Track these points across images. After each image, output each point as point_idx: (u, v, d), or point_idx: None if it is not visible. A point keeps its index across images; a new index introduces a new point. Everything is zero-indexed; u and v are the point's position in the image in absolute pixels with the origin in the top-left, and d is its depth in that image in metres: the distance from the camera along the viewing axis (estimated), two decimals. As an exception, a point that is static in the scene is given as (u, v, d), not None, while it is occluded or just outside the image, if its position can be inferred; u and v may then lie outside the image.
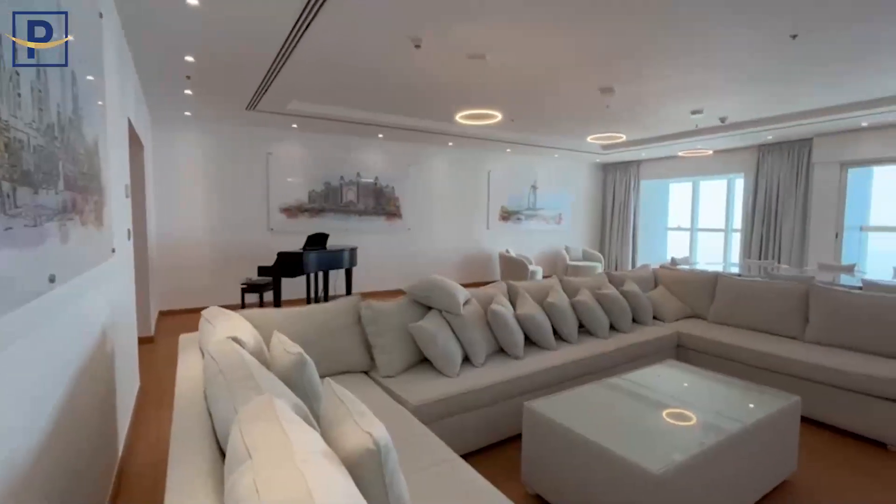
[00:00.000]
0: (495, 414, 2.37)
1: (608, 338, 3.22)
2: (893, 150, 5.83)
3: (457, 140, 7.13)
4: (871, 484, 2.14)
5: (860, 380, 2.52)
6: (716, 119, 5.73)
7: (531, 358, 2.71)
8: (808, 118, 5.53)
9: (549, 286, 3.43)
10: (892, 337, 2.75)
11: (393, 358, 2.39)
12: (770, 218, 7.13)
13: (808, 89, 4.51)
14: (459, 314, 2.61)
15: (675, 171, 8.73)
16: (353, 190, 6.99)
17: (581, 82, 4.23)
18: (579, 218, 9.78)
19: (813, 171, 6.60)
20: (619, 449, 1.62)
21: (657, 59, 3.62)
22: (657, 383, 2.32)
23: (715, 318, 3.73)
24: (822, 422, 2.69)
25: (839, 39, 3.22)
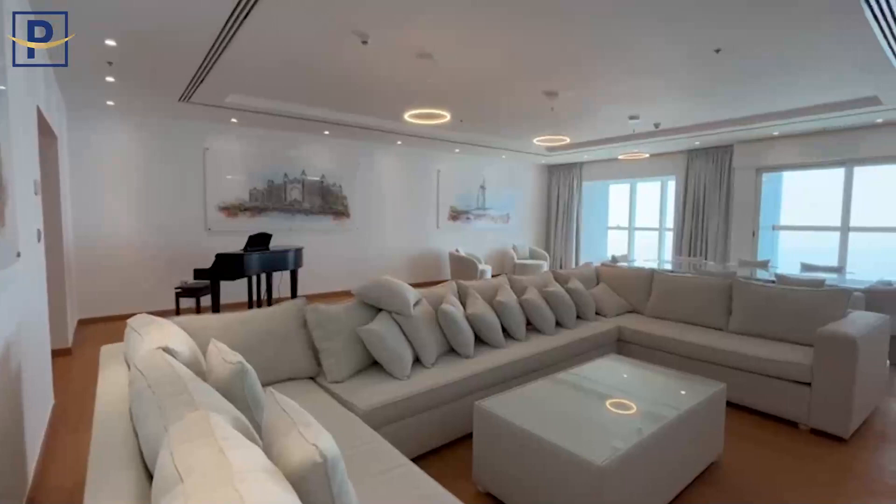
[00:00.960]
0: (447, 414, 2.37)
1: (554, 334, 3.32)
2: (799, 157, 6.49)
3: (406, 139, 7.08)
4: (785, 459, 2.36)
5: (773, 365, 2.77)
6: (651, 124, 6.09)
7: (481, 357, 2.74)
8: (728, 126, 6.03)
9: (498, 285, 3.49)
10: (799, 325, 3.04)
11: (341, 362, 2.32)
12: (698, 217, 7.70)
13: (730, 100, 4.91)
14: (410, 315, 2.58)
15: (615, 173, 9.19)
16: (298, 188, 6.74)
17: (527, 85, 4.34)
18: (526, 217, 10.05)
19: (734, 175, 7.20)
20: (565, 443, 1.67)
21: (596, 66, 3.79)
22: (600, 377, 2.42)
23: (651, 313, 3.96)
24: (743, 405, 2.92)
25: (756, 56, 3.52)
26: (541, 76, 4.06)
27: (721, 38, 3.18)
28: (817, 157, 6.33)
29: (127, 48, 3.37)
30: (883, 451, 2.45)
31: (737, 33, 3.09)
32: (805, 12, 2.76)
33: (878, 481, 2.18)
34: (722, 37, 3.16)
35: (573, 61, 3.68)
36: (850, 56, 3.48)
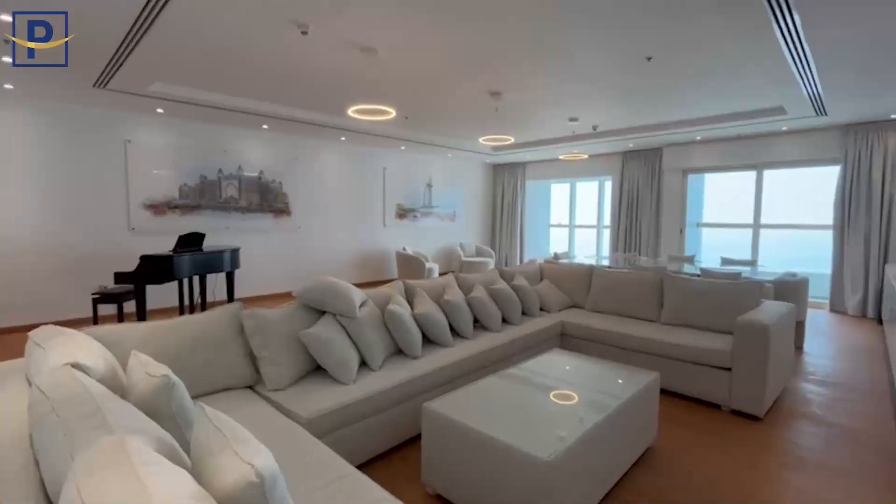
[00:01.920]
0: (395, 417, 2.33)
1: (501, 331, 3.37)
2: (719, 161, 7.06)
3: (350, 135, 6.90)
4: (711, 439, 2.55)
5: (699, 353, 2.99)
6: (589, 127, 6.36)
7: (430, 357, 2.72)
8: (658, 130, 6.44)
9: (446, 283, 3.49)
10: (721, 315, 3.30)
11: (281, 369, 2.20)
12: (632, 215, 8.17)
13: (660, 105, 5.23)
14: (355, 317, 2.51)
15: (556, 173, 9.53)
16: (234, 185, 6.36)
17: (472, 85, 4.37)
18: (472, 216, 10.17)
19: (663, 176, 7.71)
20: (512, 440, 1.69)
21: (537, 69, 3.89)
22: (545, 371, 2.48)
23: (591, 307, 4.14)
24: (673, 391, 3.13)
25: (682, 66, 3.77)
26: (485, 76, 4.11)
27: (652, 47, 3.37)
28: (733, 161, 6.93)
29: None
30: (791, 427, 2.72)
31: (666, 43, 3.29)
32: (724, 28, 2.99)
33: (789, 454, 2.41)
34: (653, 46, 3.35)
35: (515, 63, 3.75)
36: (762, 70, 3.82)
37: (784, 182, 6.85)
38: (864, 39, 3.18)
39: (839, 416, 2.88)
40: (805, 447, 2.49)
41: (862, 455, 2.40)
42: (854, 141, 5.82)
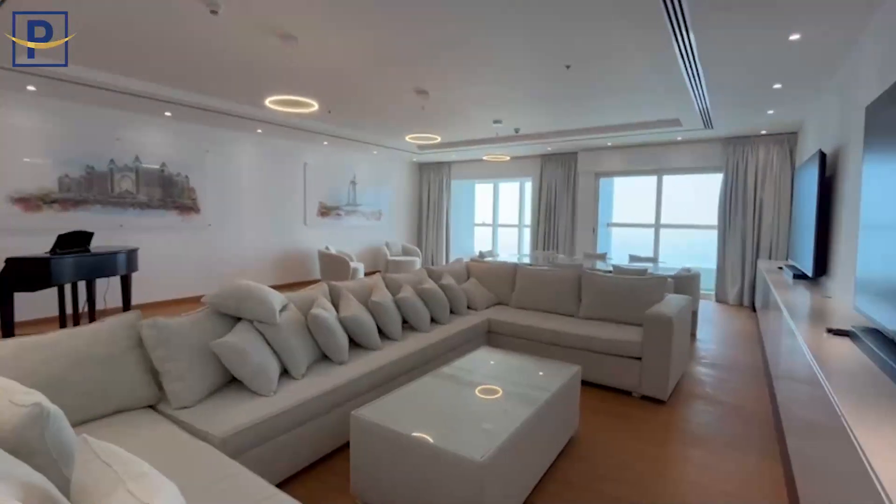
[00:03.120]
0: (322, 426, 2.20)
1: (430, 331, 3.36)
2: (626, 166, 7.69)
3: (268, 127, 6.47)
4: (624, 424, 2.75)
5: (614, 344, 3.22)
6: (512, 129, 6.58)
7: (357, 361, 2.62)
8: (574, 136, 6.85)
9: (373, 284, 3.39)
10: (632, 308, 3.58)
11: (190, 385, 1.98)
12: (550, 215, 8.61)
13: (576, 112, 5.56)
14: (275, 323, 2.33)
15: (480, 173, 9.76)
16: (130, 177, 5.66)
17: (398, 82, 4.30)
18: (398, 214, 10.07)
19: (578, 179, 8.22)
20: (443, 443, 1.67)
21: (462, 71, 3.92)
22: (474, 370, 2.50)
23: (516, 304, 4.28)
24: (592, 382, 3.33)
25: (596, 76, 4.03)
26: (412, 73, 4.06)
27: (571, 56, 3.55)
28: (638, 166, 7.59)
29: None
30: (690, 408, 3.03)
31: (583, 53, 3.49)
32: (633, 42, 3.23)
33: (689, 432, 2.68)
34: (572, 55, 3.53)
35: (442, 62, 3.75)
36: (664, 84, 4.20)
37: (680, 186, 7.65)
38: (742, 68, 3.63)
39: (727, 394, 3.26)
40: (702, 424, 2.78)
41: (745, 427, 2.74)
42: (733, 152, 6.65)
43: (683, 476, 2.23)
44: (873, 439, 1.08)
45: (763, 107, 4.97)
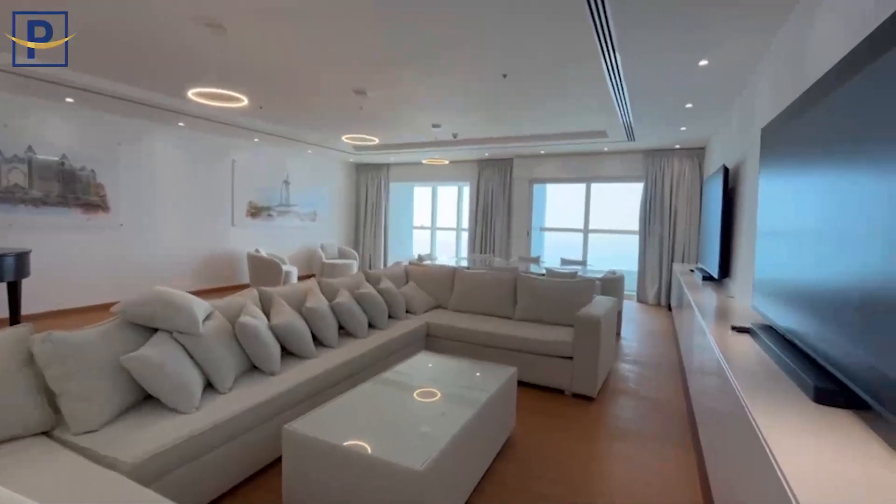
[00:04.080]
0: (252, 442, 2.06)
1: (368, 336, 3.29)
2: (558, 173, 8.08)
3: (191, 121, 6.00)
4: (558, 421, 2.87)
5: (547, 345, 3.35)
6: (450, 134, 6.65)
7: (290, 371, 2.49)
8: (510, 143, 7.07)
9: (307, 289, 3.26)
10: (564, 310, 3.75)
11: (94, 406, 1.76)
12: (487, 219, 8.81)
13: (511, 120, 5.74)
14: (198, 334, 2.16)
15: (419, 176, 9.77)
16: (20, 170, 4.98)
17: (335, 79, 4.18)
18: (335, 215, 9.79)
19: (513, 185, 8.50)
20: (382, 453, 1.64)
21: (402, 73, 3.90)
22: (413, 376, 2.48)
23: (454, 307, 4.32)
24: (527, 382, 3.44)
25: (530, 86, 4.19)
26: (350, 72, 3.96)
27: (507, 65, 3.66)
28: (569, 174, 8.00)
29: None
30: (616, 404, 3.22)
31: (519, 63, 3.61)
32: (565, 55, 3.40)
33: (615, 428, 2.85)
34: (508, 64, 3.64)
35: (381, 63, 3.70)
36: (593, 97, 4.46)
37: (606, 194, 8.16)
38: (660, 87, 3.95)
39: (648, 389, 3.51)
40: (626, 419, 2.97)
41: (664, 420, 2.96)
42: (652, 163, 7.23)
43: (610, 470, 2.37)
44: (770, 424, 1.21)
45: (677, 123, 5.45)
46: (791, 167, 1.96)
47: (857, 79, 1.34)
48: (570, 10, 2.62)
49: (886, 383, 1.06)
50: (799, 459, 1.03)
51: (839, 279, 1.37)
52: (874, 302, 1.15)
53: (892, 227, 1.08)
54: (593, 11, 2.61)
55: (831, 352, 1.40)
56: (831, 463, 1.02)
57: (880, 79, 1.19)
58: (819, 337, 1.51)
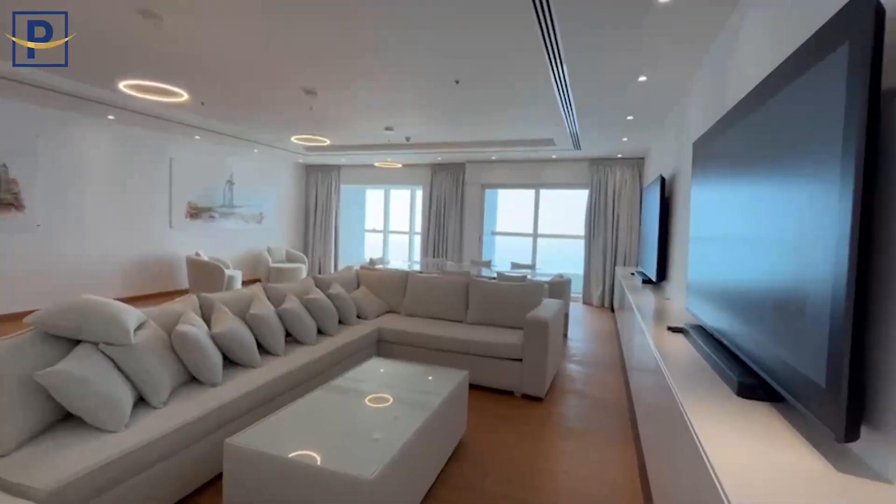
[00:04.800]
0: (190, 459, 1.94)
1: (316, 343, 3.19)
2: (508, 179, 8.27)
3: (123, 114, 5.58)
4: (508, 423, 2.93)
5: (498, 348, 3.41)
6: (403, 137, 6.63)
7: (233, 381, 2.37)
8: (462, 148, 7.16)
9: (252, 295, 3.12)
10: (514, 313, 3.83)
11: (2, 428, 1.59)
12: (440, 223, 8.86)
13: (464, 125, 5.81)
14: (128, 345, 2.00)
15: (371, 179, 9.65)
16: (-86, 162, 4.41)
17: (283, 78, 4.04)
18: (283, 218, 9.45)
19: (465, 189, 8.61)
20: (331, 464, 1.60)
21: (354, 75, 3.85)
22: (364, 382, 2.44)
23: (406, 311, 4.30)
24: (479, 385, 3.48)
25: (482, 93, 4.27)
26: (299, 71, 3.85)
27: (461, 71, 3.70)
28: (519, 180, 8.22)
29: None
30: (564, 403, 3.34)
31: (472, 71, 3.66)
32: (517, 66, 3.49)
33: (562, 426, 2.95)
34: (461, 71, 3.69)
35: (332, 63, 3.62)
36: (542, 106, 4.62)
37: (554, 200, 8.46)
38: (604, 99, 4.17)
39: (592, 388, 3.67)
40: (573, 418, 3.09)
41: (607, 417, 3.11)
42: (596, 171, 7.58)
43: (558, 467, 2.44)
44: (699, 416, 1.30)
45: (619, 134, 5.75)
46: (716, 180, 2.13)
47: (763, 108, 1.49)
48: (521, 22, 2.70)
49: (797, 377, 1.18)
50: (723, 448, 1.12)
51: (756, 282, 1.51)
52: (786, 303, 1.27)
53: (797, 235, 1.21)
54: (542, 25, 2.71)
55: (752, 349, 1.53)
56: (751, 450, 1.11)
57: (780, 110, 1.33)
58: (741, 336, 1.65)
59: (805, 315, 1.14)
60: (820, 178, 1.10)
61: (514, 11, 2.59)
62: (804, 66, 1.23)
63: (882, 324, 1.01)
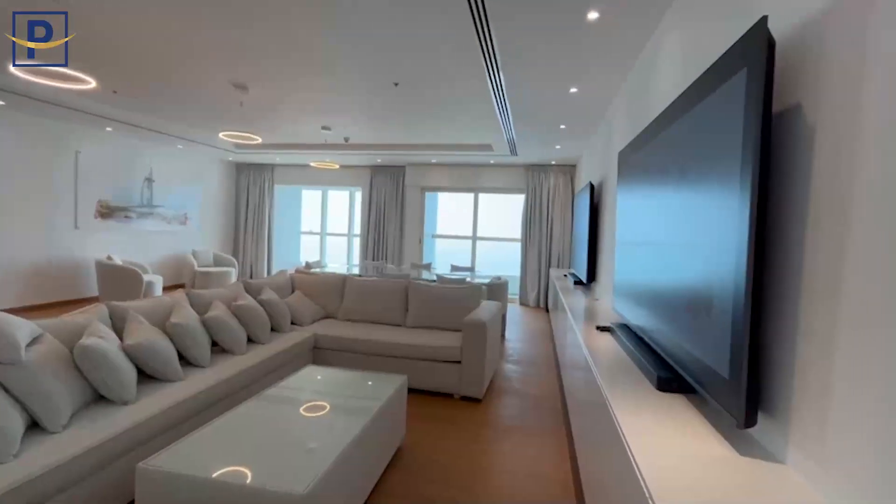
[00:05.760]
0: (95, 489, 1.74)
1: (246, 353, 3.01)
2: (448, 182, 8.35)
3: (16, 99, 4.94)
4: (446, 425, 2.94)
5: (437, 351, 3.42)
6: (341, 137, 6.47)
7: (149, 398, 2.17)
8: (402, 150, 7.13)
9: (174, 303, 2.88)
10: (453, 315, 3.86)
11: None
12: (380, 226, 8.75)
13: (403, 128, 5.79)
14: (19, 362, 1.76)
15: (307, 179, 9.32)
16: None
17: (210, 69, 3.79)
18: (210, 219, 8.85)
19: (406, 192, 8.57)
20: (260, 480, 1.51)
21: (290, 69, 3.69)
22: (298, 392, 2.34)
23: (344, 316, 4.18)
24: (418, 389, 3.46)
25: (421, 96, 4.27)
26: (229, 65, 3.63)
27: (400, 74, 3.68)
28: (459, 184, 8.32)
29: None
30: (501, 403, 3.41)
31: (411, 74, 3.65)
32: (456, 72, 3.53)
33: (500, 425, 3.01)
34: (400, 73, 3.67)
35: (266, 60, 3.45)
36: (480, 113, 4.71)
37: (492, 203, 8.67)
38: (538, 108, 4.34)
39: (529, 387, 3.78)
40: (510, 417, 3.17)
41: (542, 414, 3.22)
42: (532, 177, 7.87)
43: (497, 466, 2.49)
44: (623, 409, 1.38)
45: (553, 142, 6.01)
46: (637, 188, 2.29)
47: (677, 123, 1.62)
48: (460, 30, 2.74)
49: (706, 370, 1.29)
50: (643, 438, 1.20)
51: (672, 284, 1.63)
52: (696, 302, 1.38)
53: (704, 241, 1.32)
54: (480, 33, 2.76)
55: (669, 346, 1.66)
56: (666, 439, 1.20)
57: (691, 125, 1.45)
58: (660, 333, 1.77)
59: (712, 313, 1.25)
60: (723, 188, 1.21)
61: (454, 20, 2.61)
62: (711, 88, 1.35)
63: (775, 321, 1.13)
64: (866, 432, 0.82)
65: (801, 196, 1.05)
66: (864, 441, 0.83)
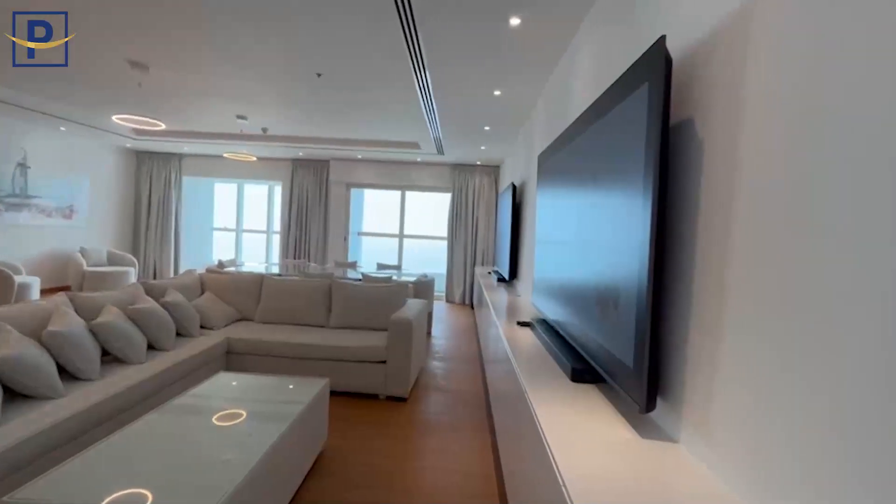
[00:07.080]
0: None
1: (146, 361, 2.71)
2: (375, 179, 8.21)
3: None
4: (371, 428, 2.88)
5: (361, 351, 3.34)
6: (259, 128, 6.08)
7: (17, 420, 1.86)
8: (326, 144, 6.87)
9: (53, 307, 2.51)
10: (379, 315, 3.80)
11: None
12: (302, 222, 8.36)
13: (327, 121, 5.58)
14: None
15: (221, 171, 8.64)
16: None
17: (101, 45, 3.35)
18: (103, 212, 7.86)
19: (330, 188, 8.28)
20: (165, 501, 1.36)
21: (200, 50, 3.39)
22: (206, 402, 2.15)
23: (261, 318, 3.93)
24: (342, 391, 3.36)
25: (347, 89, 4.14)
26: (123, 40, 3.23)
27: (323, 64, 3.53)
28: (386, 181, 8.22)
29: None
30: (427, 401, 3.42)
31: (336, 65, 3.52)
32: (384, 67, 3.47)
33: (426, 423, 3.02)
34: (324, 64, 3.51)
35: (170, 38, 3.13)
36: (406, 110, 4.67)
37: (419, 201, 8.67)
38: (464, 109, 4.41)
39: (454, 383, 3.84)
40: (435, 414, 3.19)
41: (467, 409, 3.28)
42: (458, 176, 8.00)
43: (424, 464, 2.49)
44: (539, 400, 1.45)
45: (478, 142, 6.15)
46: (554, 190, 2.41)
47: (589, 129, 1.73)
48: (386, 27, 2.68)
49: (613, 361, 1.38)
50: (557, 426, 1.26)
51: (585, 280, 1.74)
52: (605, 297, 1.48)
53: (612, 240, 1.42)
54: (406, 31, 2.73)
55: (582, 339, 1.76)
56: (577, 426, 1.28)
57: (601, 132, 1.56)
58: (574, 327, 1.88)
59: (618, 308, 1.35)
60: (628, 192, 1.31)
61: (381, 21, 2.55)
62: (618, 98, 1.45)
63: (673, 314, 1.25)
64: (741, 413, 0.93)
65: (694, 201, 1.17)
66: (739, 420, 0.94)
